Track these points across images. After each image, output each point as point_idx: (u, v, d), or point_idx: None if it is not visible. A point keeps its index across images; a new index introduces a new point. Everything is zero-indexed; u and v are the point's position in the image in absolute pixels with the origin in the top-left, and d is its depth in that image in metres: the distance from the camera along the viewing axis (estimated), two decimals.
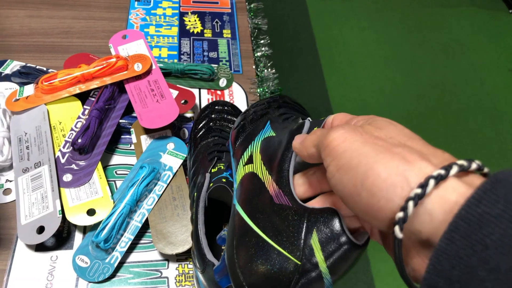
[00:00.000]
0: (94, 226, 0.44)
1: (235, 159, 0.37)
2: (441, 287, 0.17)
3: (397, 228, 0.18)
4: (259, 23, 0.69)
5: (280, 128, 0.34)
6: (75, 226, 0.45)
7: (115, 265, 0.42)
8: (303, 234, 0.25)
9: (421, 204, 0.18)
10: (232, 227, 0.29)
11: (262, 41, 0.66)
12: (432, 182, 0.18)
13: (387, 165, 0.19)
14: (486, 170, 0.19)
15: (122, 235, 0.43)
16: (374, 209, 0.19)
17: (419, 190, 0.18)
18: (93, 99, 0.51)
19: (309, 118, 0.34)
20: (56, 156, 0.47)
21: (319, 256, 0.24)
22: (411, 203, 0.18)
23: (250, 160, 0.33)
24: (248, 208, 0.29)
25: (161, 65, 0.56)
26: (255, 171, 0.31)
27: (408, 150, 0.20)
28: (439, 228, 0.18)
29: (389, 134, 0.22)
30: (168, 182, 0.46)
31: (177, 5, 0.68)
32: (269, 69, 0.63)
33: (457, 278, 0.16)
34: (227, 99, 0.58)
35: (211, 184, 0.40)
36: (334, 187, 0.22)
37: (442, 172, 0.18)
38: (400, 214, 0.18)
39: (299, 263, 0.24)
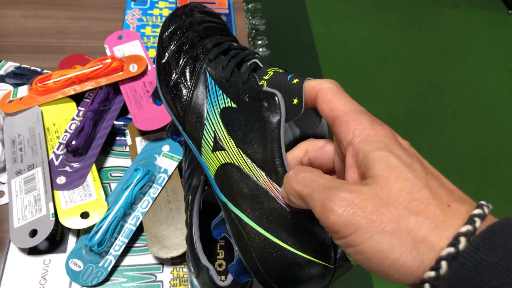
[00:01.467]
0: (88, 229, 0.43)
1: (187, 133, 0.32)
2: None
3: (427, 286, 0.18)
4: (257, 23, 0.69)
5: (234, 93, 0.29)
6: (69, 229, 0.44)
7: (109, 269, 0.42)
8: (330, 239, 0.24)
9: None
10: (238, 234, 0.27)
11: (259, 42, 0.66)
12: (463, 239, 0.17)
13: (411, 239, 0.19)
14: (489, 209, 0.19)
15: (116, 238, 0.43)
16: (396, 266, 0.19)
17: (452, 249, 0.17)
18: (87, 100, 0.51)
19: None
20: (49, 158, 0.46)
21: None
22: (444, 263, 0.17)
23: (219, 145, 0.29)
24: (253, 214, 0.26)
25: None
26: (235, 163, 0.28)
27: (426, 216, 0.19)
28: None
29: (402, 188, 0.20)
30: (163, 184, 0.46)
31: (173, 5, 0.67)
32: None
33: None
34: None
35: (205, 187, 0.40)
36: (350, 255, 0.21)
37: (470, 228, 0.18)
38: (432, 274, 0.17)
39: (333, 267, 0.25)
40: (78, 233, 0.44)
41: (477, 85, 1.69)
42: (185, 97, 0.32)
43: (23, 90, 0.51)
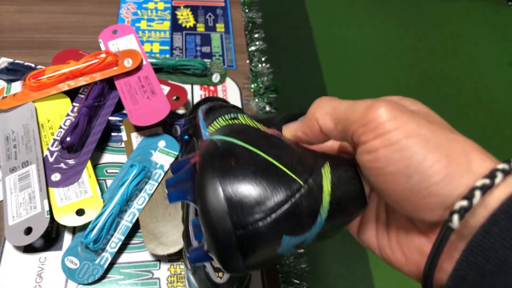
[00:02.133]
0: (84, 227, 0.43)
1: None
2: (470, 280, 0.17)
3: (455, 217, 0.17)
4: (254, 16, 0.68)
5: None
6: (64, 226, 0.44)
7: (105, 266, 0.41)
8: (314, 159, 0.22)
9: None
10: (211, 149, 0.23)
11: (256, 35, 0.65)
12: (500, 174, 0.17)
13: (450, 151, 0.18)
14: None
15: (112, 235, 0.42)
16: (424, 194, 0.18)
17: (487, 181, 0.17)
18: (82, 96, 0.50)
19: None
20: (44, 155, 0.46)
21: (326, 185, 0.21)
22: (478, 193, 0.17)
23: (234, 118, 0.28)
24: (243, 137, 0.23)
25: (153, 60, 0.55)
26: (243, 122, 0.27)
27: (465, 140, 0.19)
28: (480, 223, 0.17)
29: (431, 118, 0.21)
30: (159, 180, 0.45)
31: None
32: (264, 64, 0.62)
33: (489, 272, 0.16)
34: (220, 95, 0.57)
35: None
36: (371, 163, 0.20)
37: (507, 167, 0.17)
38: (464, 203, 0.17)
39: (303, 184, 0.21)
40: (74, 230, 0.44)
41: (477, 78, 1.68)
42: None
43: (16, 86, 0.50)
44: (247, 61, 0.61)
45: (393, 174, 0.19)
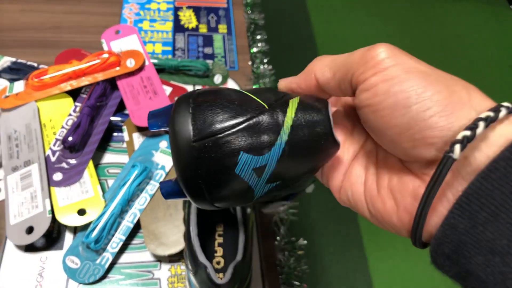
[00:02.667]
0: (85, 226, 0.43)
1: None
2: (461, 230, 0.16)
3: (457, 147, 0.16)
4: (256, 18, 0.68)
5: None
6: (66, 226, 0.44)
7: (106, 266, 0.41)
8: (288, 95, 0.22)
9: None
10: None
11: (258, 37, 0.65)
12: (504, 110, 0.17)
13: (451, 85, 0.18)
14: None
15: (113, 235, 0.43)
16: (422, 126, 0.18)
17: (491, 114, 0.16)
18: (84, 96, 0.50)
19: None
20: (46, 155, 0.46)
21: (290, 112, 0.21)
22: (481, 124, 0.16)
23: None
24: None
25: (155, 61, 0.55)
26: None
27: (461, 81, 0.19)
28: (482, 164, 0.16)
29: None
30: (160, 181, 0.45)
31: None
32: (266, 65, 0.62)
33: (483, 220, 0.16)
34: None
35: None
36: (370, 99, 0.19)
37: (510, 105, 0.17)
38: (467, 133, 0.16)
39: (266, 106, 0.21)
40: (75, 230, 0.44)
41: (478, 80, 1.68)
42: None
43: (19, 86, 0.50)
44: (249, 62, 0.61)
45: (392, 107, 0.18)
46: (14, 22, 0.60)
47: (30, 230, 0.41)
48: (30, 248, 0.42)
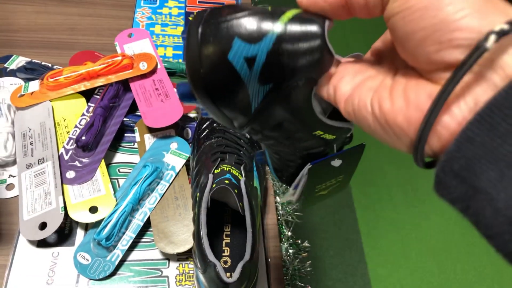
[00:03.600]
0: (96, 224, 0.44)
1: None
2: (478, 143, 0.15)
3: (492, 37, 0.15)
4: None
5: None
6: (77, 223, 0.45)
7: (116, 263, 0.43)
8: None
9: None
10: None
11: None
12: None
13: None
14: None
15: (123, 233, 0.44)
16: (452, 27, 0.17)
17: None
18: (98, 96, 0.51)
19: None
20: (59, 153, 0.47)
21: (288, 13, 0.22)
22: None
23: None
24: None
25: (166, 64, 0.56)
26: None
27: None
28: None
29: None
30: (170, 181, 0.47)
31: (183, 4, 0.68)
32: None
33: (503, 132, 0.15)
34: None
35: (213, 185, 0.41)
36: (403, 4, 0.19)
37: None
38: (505, 26, 0.16)
39: (270, 9, 0.22)
40: (86, 227, 0.45)
41: None
42: None
43: (34, 85, 0.52)
44: None
45: (424, 9, 0.18)
46: (30, 23, 0.61)
47: (43, 226, 0.42)
48: (42, 243, 0.44)
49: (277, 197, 0.52)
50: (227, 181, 0.41)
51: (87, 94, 0.51)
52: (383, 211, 1.30)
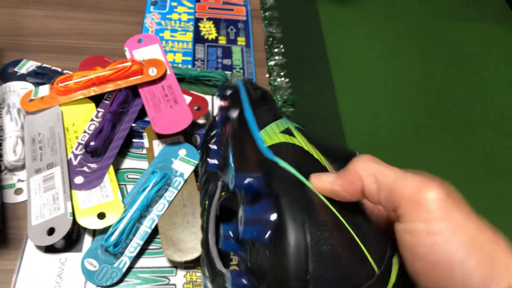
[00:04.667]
0: (104, 230, 0.44)
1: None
2: None
3: None
4: (274, 31, 0.69)
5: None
6: (85, 229, 0.45)
7: (124, 270, 0.42)
8: (384, 242, 0.22)
9: None
10: (292, 192, 0.23)
11: (276, 50, 0.67)
12: None
13: (493, 254, 0.19)
14: None
15: (131, 240, 0.43)
16: (460, 285, 0.19)
17: None
18: (107, 102, 0.51)
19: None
20: (68, 158, 0.47)
21: (393, 276, 0.21)
22: None
23: (289, 132, 0.28)
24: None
25: (175, 70, 0.56)
26: (305, 148, 0.26)
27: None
28: None
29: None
30: (179, 188, 0.46)
31: (192, 10, 0.68)
32: (282, 78, 0.63)
33: None
34: None
35: (223, 193, 0.40)
36: (414, 247, 0.20)
37: None
38: None
39: (377, 271, 0.21)
40: (94, 233, 0.45)
41: (489, 100, 1.68)
42: None
43: (44, 90, 0.52)
44: (267, 75, 0.62)
45: (434, 263, 0.19)
46: (40, 27, 0.62)
47: (51, 231, 0.42)
48: (50, 249, 0.43)
49: None
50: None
51: (97, 100, 0.51)
52: None
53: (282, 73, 0.64)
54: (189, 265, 0.44)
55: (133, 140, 0.52)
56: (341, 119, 1.49)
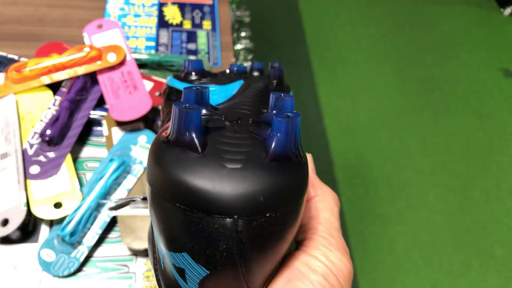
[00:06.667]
0: (61, 220, 0.43)
1: None
2: None
3: None
4: (241, 15, 0.68)
5: None
6: (42, 219, 0.44)
7: (82, 259, 0.41)
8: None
9: None
10: None
11: (243, 34, 0.65)
12: None
13: None
14: None
15: (89, 229, 0.43)
16: None
17: None
18: (64, 89, 0.50)
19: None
20: (23, 148, 0.45)
21: None
22: None
23: None
24: None
25: (137, 56, 0.55)
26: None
27: None
28: None
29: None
30: (138, 176, 0.45)
31: None
32: (250, 63, 0.62)
33: None
34: None
35: None
36: None
37: None
38: None
39: None
40: (51, 223, 0.44)
41: (467, 84, 1.70)
42: None
43: None
44: (233, 59, 0.61)
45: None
46: None
47: (5, 222, 0.41)
48: (5, 240, 0.42)
49: None
50: None
51: (54, 87, 0.50)
52: (369, 205, 1.30)
53: (249, 57, 0.63)
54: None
55: (93, 128, 0.51)
56: (321, 103, 1.49)
